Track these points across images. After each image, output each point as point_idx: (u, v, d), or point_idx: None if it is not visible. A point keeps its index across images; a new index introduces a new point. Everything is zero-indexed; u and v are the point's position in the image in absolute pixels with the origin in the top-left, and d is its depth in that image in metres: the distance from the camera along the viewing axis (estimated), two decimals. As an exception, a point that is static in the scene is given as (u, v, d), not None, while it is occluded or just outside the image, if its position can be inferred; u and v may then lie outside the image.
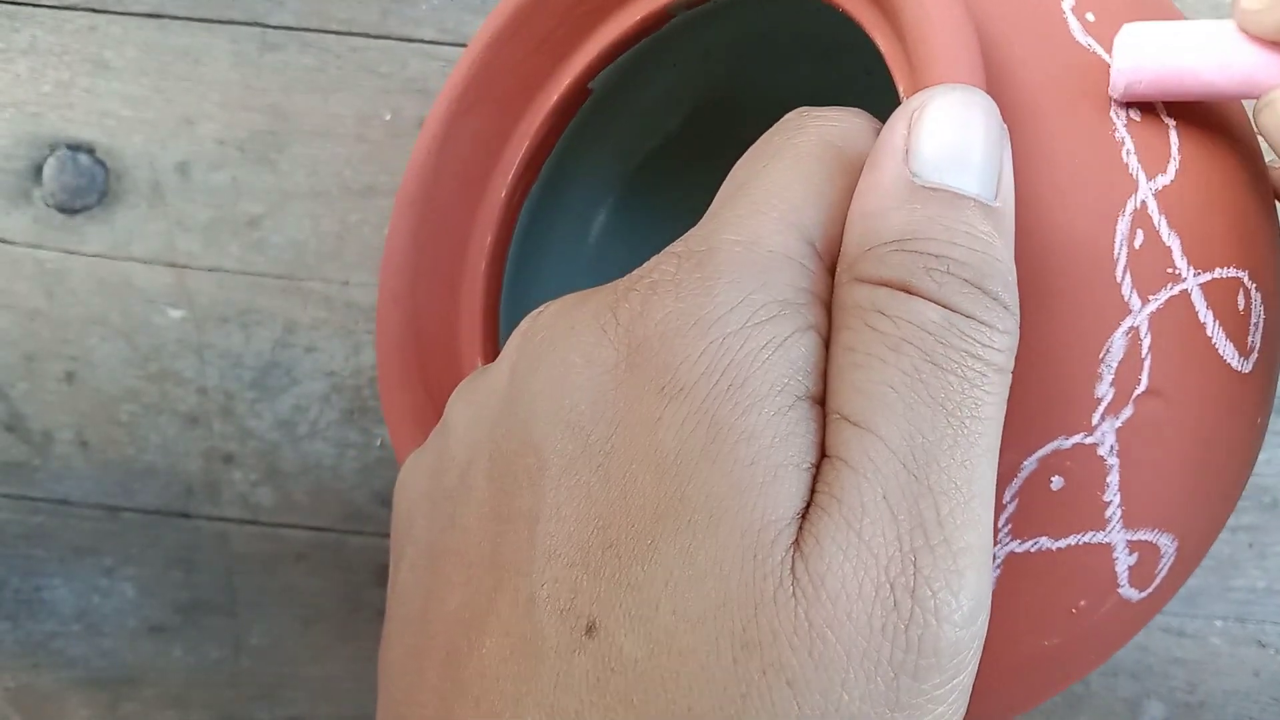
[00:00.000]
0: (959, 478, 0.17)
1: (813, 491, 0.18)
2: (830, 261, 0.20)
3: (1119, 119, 0.22)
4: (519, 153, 0.31)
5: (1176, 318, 0.22)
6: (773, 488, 0.17)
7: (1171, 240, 0.22)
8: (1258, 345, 0.23)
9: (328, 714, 0.46)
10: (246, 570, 0.45)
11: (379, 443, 0.45)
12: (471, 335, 0.31)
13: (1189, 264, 0.22)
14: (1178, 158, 0.22)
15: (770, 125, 0.21)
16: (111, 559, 0.46)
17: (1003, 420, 0.18)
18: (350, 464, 0.45)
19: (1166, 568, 0.23)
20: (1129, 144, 0.22)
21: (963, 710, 0.18)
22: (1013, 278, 0.19)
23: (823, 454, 0.18)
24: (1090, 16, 0.23)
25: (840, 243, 0.20)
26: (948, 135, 0.19)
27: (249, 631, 0.46)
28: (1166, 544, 0.23)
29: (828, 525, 0.17)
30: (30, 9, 0.45)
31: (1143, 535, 0.22)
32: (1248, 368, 0.23)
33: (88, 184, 0.45)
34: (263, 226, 0.45)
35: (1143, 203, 0.22)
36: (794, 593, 0.17)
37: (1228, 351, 0.23)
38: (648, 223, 0.37)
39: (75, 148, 0.45)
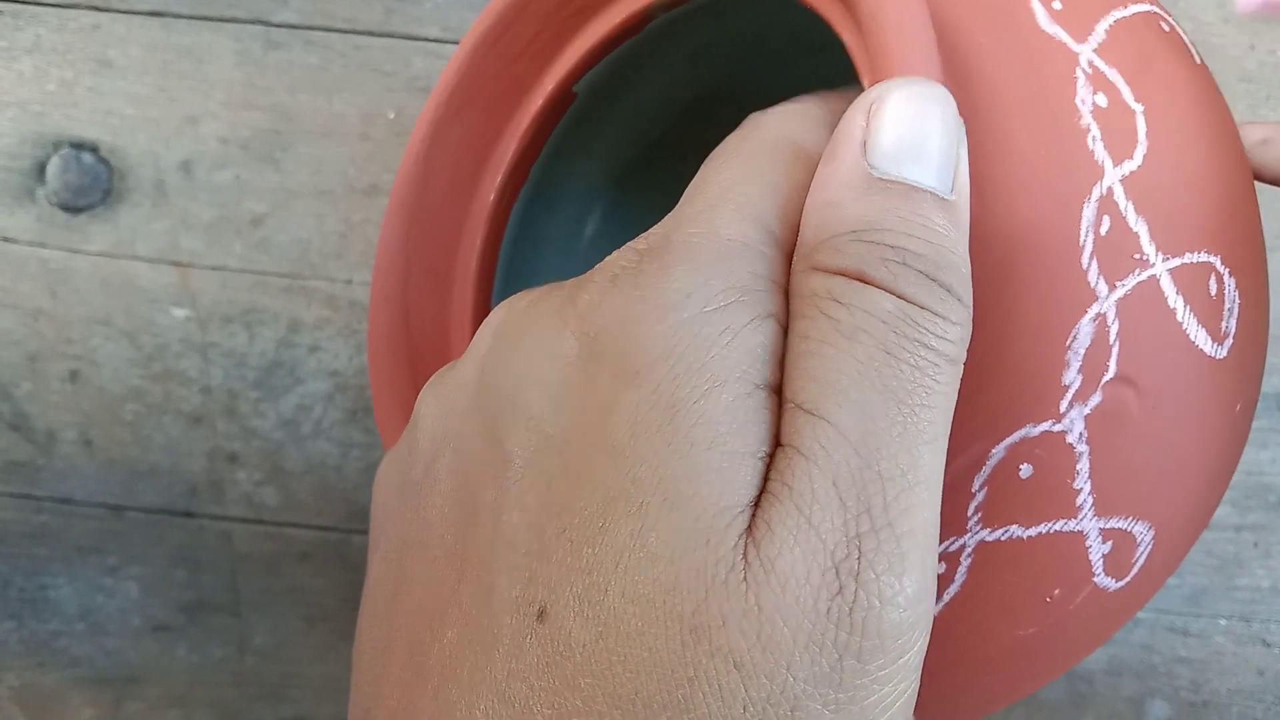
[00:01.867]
0: (905, 464, 0.17)
1: (766, 479, 0.18)
2: (789, 250, 0.20)
3: (1084, 106, 0.22)
4: (507, 155, 0.31)
5: (1145, 304, 0.22)
6: (729, 474, 0.17)
7: (1139, 226, 0.22)
8: (1233, 330, 0.23)
9: (331, 714, 0.46)
10: (250, 570, 0.45)
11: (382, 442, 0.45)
12: (462, 335, 0.31)
13: (1157, 249, 0.22)
14: (1145, 143, 0.22)
15: None
16: (115, 558, 0.46)
17: (952, 410, 0.18)
18: (354, 463, 0.45)
19: (1144, 557, 0.23)
20: (1094, 130, 0.22)
21: (910, 691, 0.18)
22: (966, 270, 0.19)
23: (778, 442, 0.18)
24: (1057, 5, 0.23)
25: (795, 230, 0.20)
26: (905, 128, 0.19)
27: (253, 631, 0.46)
28: (1142, 532, 0.23)
29: (779, 512, 0.17)
30: (34, 8, 0.45)
31: (1116, 523, 0.22)
32: (1222, 353, 0.23)
33: (91, 183, 0.45)
34: (266, 226, 0.45)
35: (1109, 189, 0.22)
36: (745, 578, 0.17)
37: (1199, 337, 0.22)
38: (642, 223, 0.37)
39: (79, 146, 0.45)
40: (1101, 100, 0.22)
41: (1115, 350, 0.22)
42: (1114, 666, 0.43)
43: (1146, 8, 0.25)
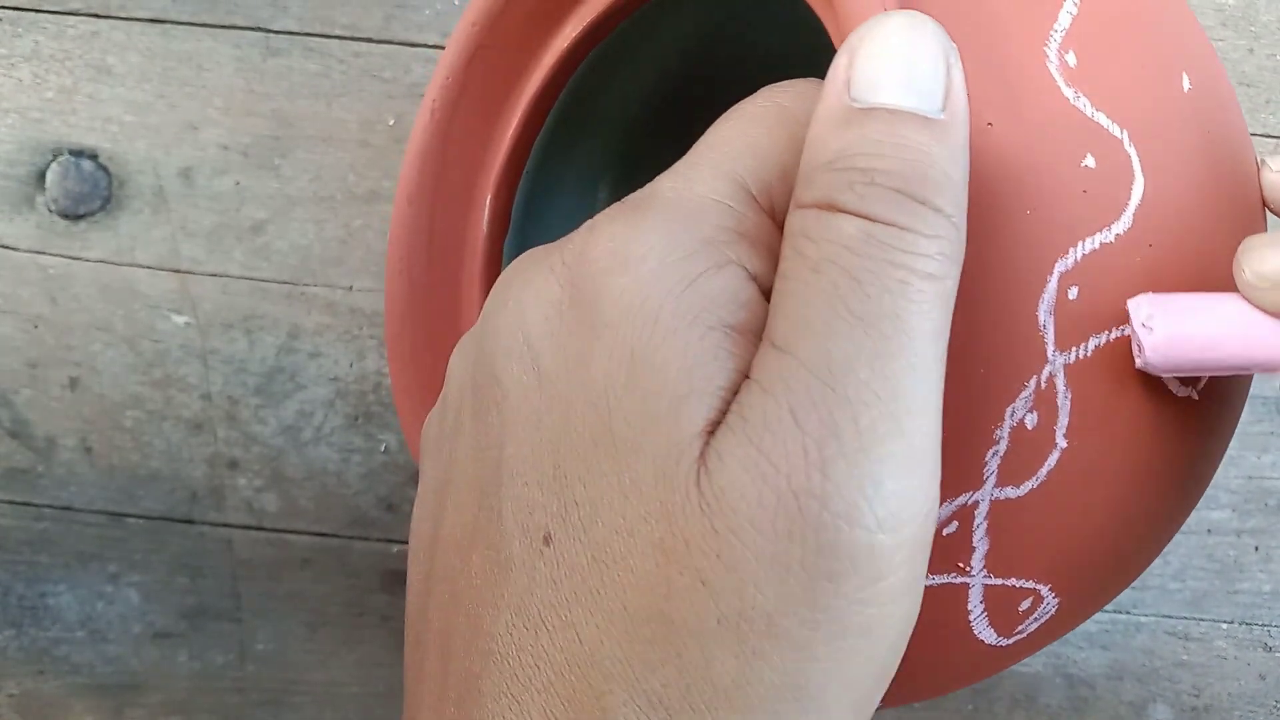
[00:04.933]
0: (881, 389, 0.18)
1: (729, 412, 0.19)
2: (772, 204, 0.20)
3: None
4: (505, 141, 0.32)
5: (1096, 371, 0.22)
6: (679, 412, 0.19)
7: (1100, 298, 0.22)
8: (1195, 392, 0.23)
9: (333, 719, 0.46)
10: (251, 576, 0.45)
11: (383, 448, 0.45)
12: (471, 314, 0.32)
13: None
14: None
15: None
16: (116, 565, 0.46)
17: (942, 330, 0.19)
18: (355, 469, 0.45)
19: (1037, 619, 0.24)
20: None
21: (902, 615, 0.19)
22: (953, 185, 0.19)
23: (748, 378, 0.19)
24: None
25: (786, 187, 0.20)
26: (885, 56, 0.19)
27: (254, 637, 0.46)
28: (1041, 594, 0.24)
29: (729, 442, 0.18)
30: (33, 14, 0.45)
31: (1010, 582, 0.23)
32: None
33: (91, 190, 0.45)
34: (266, 232, 0.45)
35: (1091, 252, 0.22)
36: (700, 505, 0.18)
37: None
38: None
39: (78, 154, 0.45)
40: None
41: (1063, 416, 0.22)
42: (1115, 671, 0.43)
43: None
